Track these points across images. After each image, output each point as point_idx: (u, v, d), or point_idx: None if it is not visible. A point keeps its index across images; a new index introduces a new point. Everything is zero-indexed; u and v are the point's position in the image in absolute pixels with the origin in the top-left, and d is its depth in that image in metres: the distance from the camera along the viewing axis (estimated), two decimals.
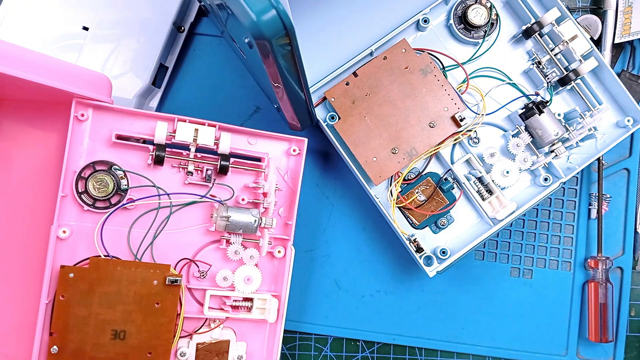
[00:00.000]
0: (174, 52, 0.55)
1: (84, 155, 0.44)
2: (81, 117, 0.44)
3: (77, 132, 0.44)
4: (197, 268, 0.47)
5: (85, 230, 0.44)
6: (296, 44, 0.32)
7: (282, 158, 0.48)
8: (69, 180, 0.44)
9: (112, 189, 0.44)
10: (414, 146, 0.50)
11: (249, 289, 0.46)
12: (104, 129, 0.45)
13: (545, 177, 0.51)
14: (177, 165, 0.46)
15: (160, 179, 0.46)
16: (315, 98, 0.52)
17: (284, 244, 0.48)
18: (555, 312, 0.55)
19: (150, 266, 0.44)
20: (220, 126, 0.46)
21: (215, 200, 0.46)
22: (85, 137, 0.44)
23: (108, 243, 0.45)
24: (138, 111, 0.45)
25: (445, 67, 0.52)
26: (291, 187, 0.48)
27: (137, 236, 0.46)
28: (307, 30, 0.52)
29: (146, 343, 0.43)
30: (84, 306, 0.42)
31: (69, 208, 0.44)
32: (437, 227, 0.52)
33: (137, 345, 0.43)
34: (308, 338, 0.56)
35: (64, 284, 0.42)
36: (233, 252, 0.47)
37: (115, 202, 0.45)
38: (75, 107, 0.43)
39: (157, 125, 0.44)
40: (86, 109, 0.44)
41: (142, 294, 0.43)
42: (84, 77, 0.42)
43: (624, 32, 0.55)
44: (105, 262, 0.43)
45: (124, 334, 0.43)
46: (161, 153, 0.44)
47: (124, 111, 0.45)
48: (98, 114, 0.44)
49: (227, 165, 0.46)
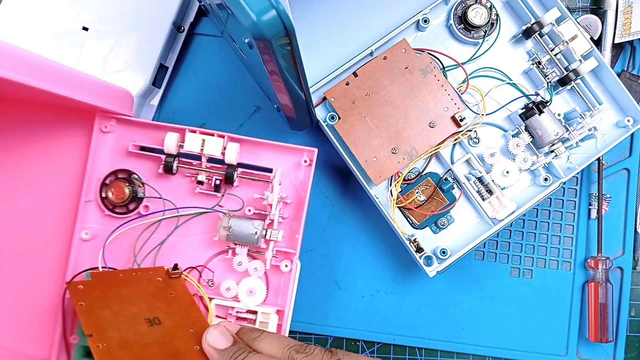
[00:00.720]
0: (174, 52, 0.55)
1: (106, 164, 0.47)
2: (104, 129, 0.47)
3: (100, 142, 0.47)
4: (206, 276, 0.47)
5: (106, 234, 0.47)
6: (296, 44, 0.32)
7: (293, 169, 0.48)
8: (92, 186, 0.47)
9: (127, 196, 0.46)
10: (414, 146, 0.50)
11: (252, 302, 0.46)
12: (124, 139, 0.47)
13: (545, 177, 0.51)
14: (190, 175, 0.47)
15: (172, 187, 0.48)
16: (315, 98, 0.52)
17: (291, 258, 0.47)
18: (555, 312, 0.55)
19: (147, 269, 0.45)
20: (229, 137, 0.46)
21: (220, 211, 0.46)
22: (108, 147, 0.47)
23: (119, 249, 0.47)
24: (155, 123, 0.47)
25: (445, 67, 0.52)
26: (300, 198, 0.47)
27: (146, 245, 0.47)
28: (307, 30, 0.52)
29: (183, 321, 0.43)
30: (106, 308, 0.42)
31: (91, 212, 0.47)
32: (437, 227, 0.52)
33: (175, 325, 0.43)
34: (308, 338, 0.56)
35: (77, 294, 0.42)
36: (237, 263, 0.46)
37: (133, 208, 0.47)
38: (100, 120, 0.46)
39: (167, 135, 0.46)
40: (109, 122, 0.47)
41: (153, 290, 0.44)
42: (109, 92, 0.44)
43: (624, 32, 0.55)
44: (105, 274, 0.44)
45: (158, 319, 0.42)
46: (170, 161, 0.46)
47: (144, 124, 0.47)
48: (120, 126, 0.47)
49: (232, 175, 0.46)
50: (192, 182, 0.47)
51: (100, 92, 0.43)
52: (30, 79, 0.33)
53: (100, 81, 0.43)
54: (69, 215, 0.47)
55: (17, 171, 0.47)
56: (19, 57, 0.32)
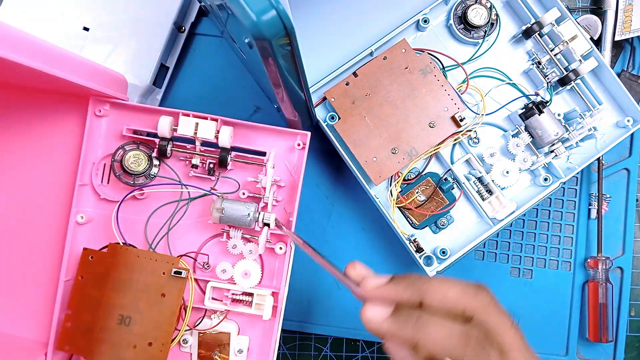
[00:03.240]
0: (175, 52, 0.55)
1: (101, 148, 0.47)
2: (99, 113, 0.47)
3: (94, 126, 0.47)
4: (201, 259, 0.47)
5: (102, 218, 0.47)
6: (296, 44, 0.32)
7: (286, 153, 0.48)
8: (87, 170, 0.47)
9: (144, 166, 0.46)
10: (414, 146, 0.50)
11: (248, 284, 0.46)
12: (118, 123, 0.47)
13: (545, 177, 0.51)
14: (184, 159, 0.47)
15: (166, 171, 0.48)
16: (315, 98, 0.52)
17: (285, 241, 0.48)
18: (555, 312, 0.55)
19: (162, 257, 0.45)
20: (222, 120, 0.46)
21: (215, 194, 0.47)
22: (102, 131, 0.47)
23: (124, 231, 0.47)
24: (150, 107, 0.47)
25: (445, 67, 0.52)
26: (294, 182, 0.48)
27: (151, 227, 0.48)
28: (307, 30, 0.52)
29: (148, 333, 0.44)
30: (97, 288, 0.44)
31: (86, 196, 0.47)
32: (437, 227, 0.52)
33: (139, 333, 0.44)
34: (308, 338, 0.56)
35: (84, 265, 0.45)
36: (232, 246, 0.47)
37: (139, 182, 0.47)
38: (94, 104, 0.46)
39: (161, 119, 0.45)
40: (103, 105, 0.47)
41: (149, 284, 0.44)
42: (103, 75, 0.44)
43: (624, 30, 0.55)
44: (122, 249, 0.45)
45: (129, 320, 0.44)
46: (164, 145, 0.46)
47: (138, 107, 0.47)
48: (114, 110, 0.47)
49: (226, 158, 0.46)
50: (186, 165, 0.47)
51: (95, 74, 0.42)
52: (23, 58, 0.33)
53: (94, 64, 0.42)
54: (65, 199, 0.47)
55: (11, 157, 0.47)
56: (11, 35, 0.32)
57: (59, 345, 0.44)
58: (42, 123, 0.47)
